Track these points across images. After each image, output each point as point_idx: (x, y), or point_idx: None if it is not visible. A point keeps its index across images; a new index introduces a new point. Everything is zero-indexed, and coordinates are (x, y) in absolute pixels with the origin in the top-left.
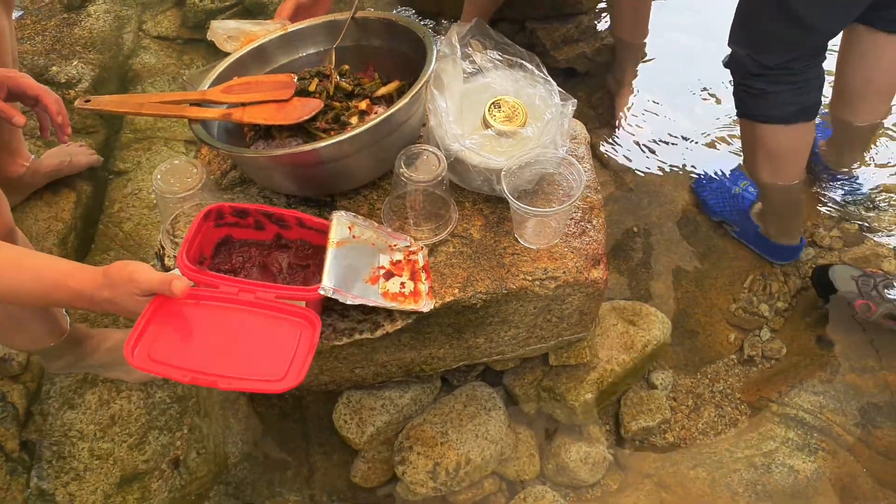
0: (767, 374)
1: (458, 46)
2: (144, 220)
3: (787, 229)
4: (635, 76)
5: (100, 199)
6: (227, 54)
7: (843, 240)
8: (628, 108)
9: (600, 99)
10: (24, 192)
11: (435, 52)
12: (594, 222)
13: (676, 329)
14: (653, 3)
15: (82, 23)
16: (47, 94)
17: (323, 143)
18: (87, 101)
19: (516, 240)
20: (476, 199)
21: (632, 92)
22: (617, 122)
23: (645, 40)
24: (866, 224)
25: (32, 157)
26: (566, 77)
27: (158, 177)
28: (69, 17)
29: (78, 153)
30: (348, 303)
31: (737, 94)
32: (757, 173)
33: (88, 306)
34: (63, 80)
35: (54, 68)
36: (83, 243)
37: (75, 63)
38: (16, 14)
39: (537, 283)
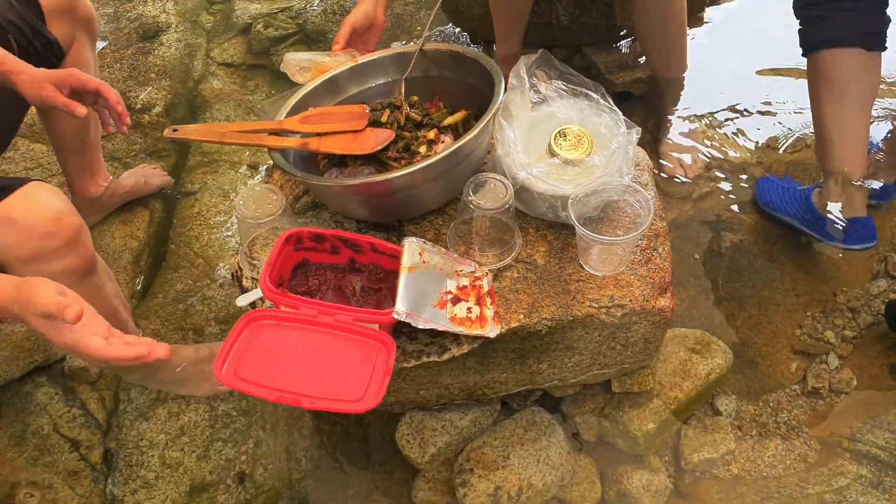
0: (837, 408)
1: (527, 78)
2: (210, 240)
3: (851, 201)
4: (676, 108)
5: (170, 218)
6: (298, 85)
7: None
8: (672, 135)
9: (656, 123)
10: (103, 212)
11: (503, 83)
12: (660, 250)
13: (737, 358)
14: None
15: (156, 51)
16: (106, 87)
17: (397, 174)
18: (175, 130)
19: (581, 266)
20: (539, 224)
21: (671, 123)
22: (664, 157)
23: (684, 74)
24: None
25: (111, 177)
26: (621, 101)
27: (241, 202)
28: (144, 45)
29: (152, 175)
30: (419, 327)
31: (800, 33)
32: (822, 125)
33: (11, 317)
34: (139, 106)
35: (131, 94)
36: (156, 261)
37: (149, 89)
38: (99, 44)
39: (603, 310)
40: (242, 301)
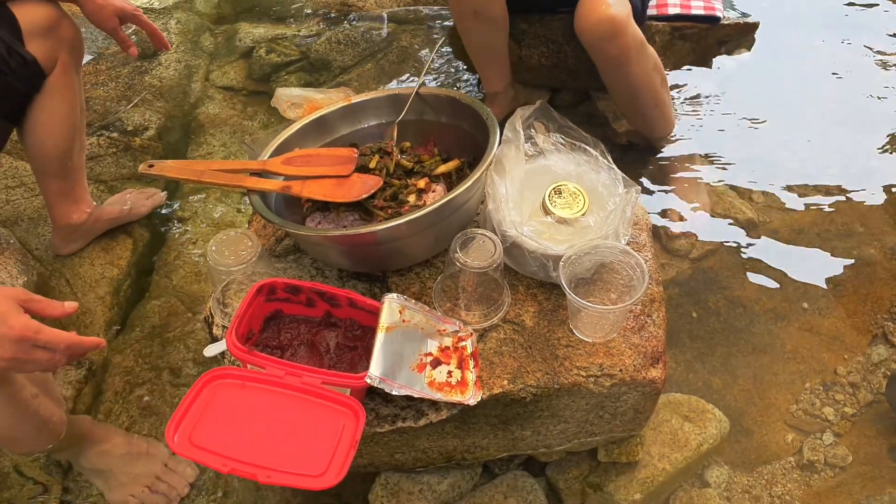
0: (832, 484)
1: (522, 131)
2: (195, 271)
3: None
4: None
5: (156, 246)
6: (290, 120)
7: None
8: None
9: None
10: (85, 239)
11: (498, 135)
12: (654, 317)
13: (734, 424)
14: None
15: (153, 71)
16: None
17: (381, 227)
18: (151, 166)
19: (571, 331)
20: (530, 283)
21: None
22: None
23: (669, 132)
24: None
25: (95, 204)
26: (625, 149)
27: (213, 248)
28: (141, 64)
29: (138, 201)
30: (394, 393)
31: None
32: None
33: None
34: (130, 128)
35: (124, 115)
36: (136, 291)
37: (143, 110)
38: (90, 58)
39: (592, 380)
40: (210, 352)
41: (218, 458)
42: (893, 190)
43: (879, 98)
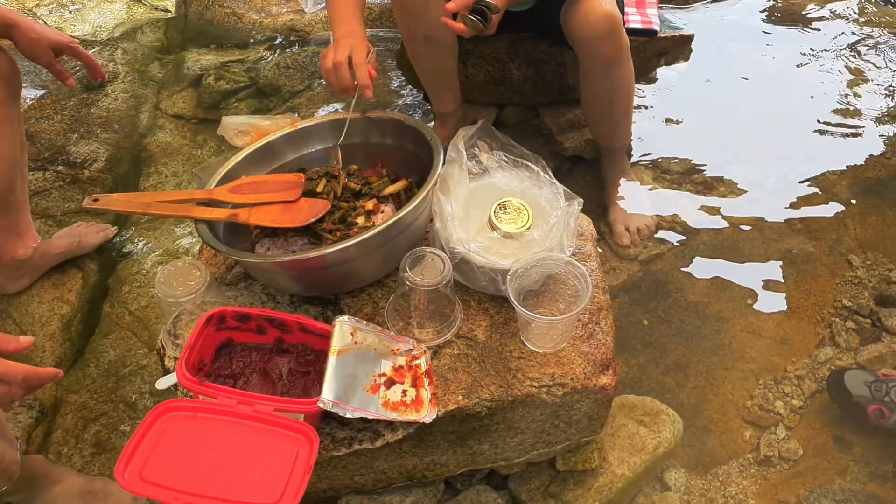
0: (785, 477)
1: (464, 151)
2: (149, 303)
3: None
4: (622, 176)
5: (106, 279)
6: (238, 148)
7: (859, 335)
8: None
9: (602, 188)
10: (34, 275)
11: (441, 155)
12: (602, 325)
13: (689, 426)
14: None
15: (100, 102)
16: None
17: (329, 250)
18: (96, 199)
19: (523, 343)
20: (481, 298)
21: (621, 197)
22: (613, 226)
23: (629, 141)
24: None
25: (41, 239)
26: (573, 162)
27: (161, 280)
28: (88, 97)
29: (88, 234)
30: (347, 416)
31: None
32: None
33: None
34: (78, 161)
35: (71, 148)
36: (88, 326)
37: (91, 142)
38: (38, 93)
39: (544, 390)
40: (162, 384)
41: (169, 493)
42: (824, 179)
43: (809, 99)
